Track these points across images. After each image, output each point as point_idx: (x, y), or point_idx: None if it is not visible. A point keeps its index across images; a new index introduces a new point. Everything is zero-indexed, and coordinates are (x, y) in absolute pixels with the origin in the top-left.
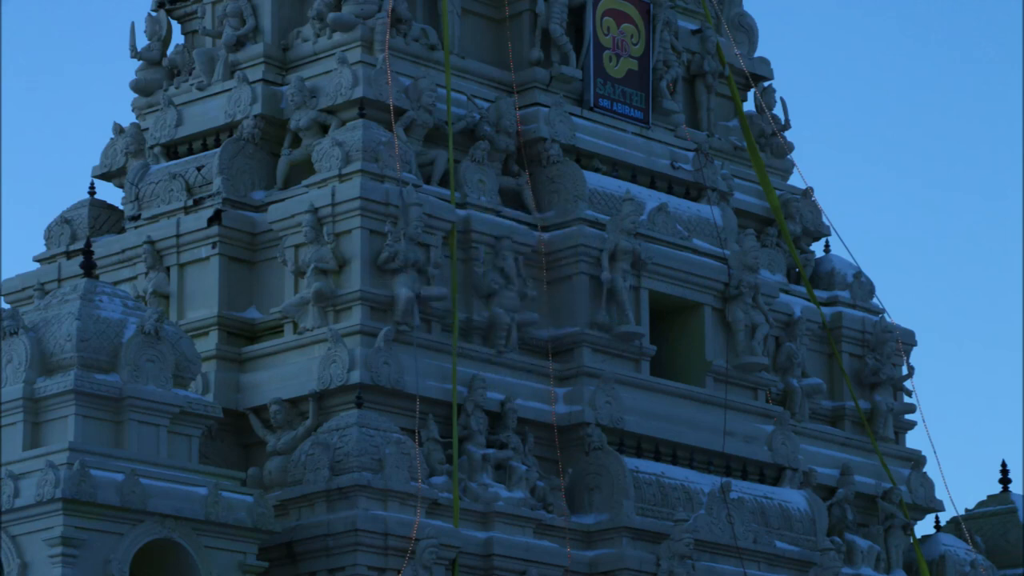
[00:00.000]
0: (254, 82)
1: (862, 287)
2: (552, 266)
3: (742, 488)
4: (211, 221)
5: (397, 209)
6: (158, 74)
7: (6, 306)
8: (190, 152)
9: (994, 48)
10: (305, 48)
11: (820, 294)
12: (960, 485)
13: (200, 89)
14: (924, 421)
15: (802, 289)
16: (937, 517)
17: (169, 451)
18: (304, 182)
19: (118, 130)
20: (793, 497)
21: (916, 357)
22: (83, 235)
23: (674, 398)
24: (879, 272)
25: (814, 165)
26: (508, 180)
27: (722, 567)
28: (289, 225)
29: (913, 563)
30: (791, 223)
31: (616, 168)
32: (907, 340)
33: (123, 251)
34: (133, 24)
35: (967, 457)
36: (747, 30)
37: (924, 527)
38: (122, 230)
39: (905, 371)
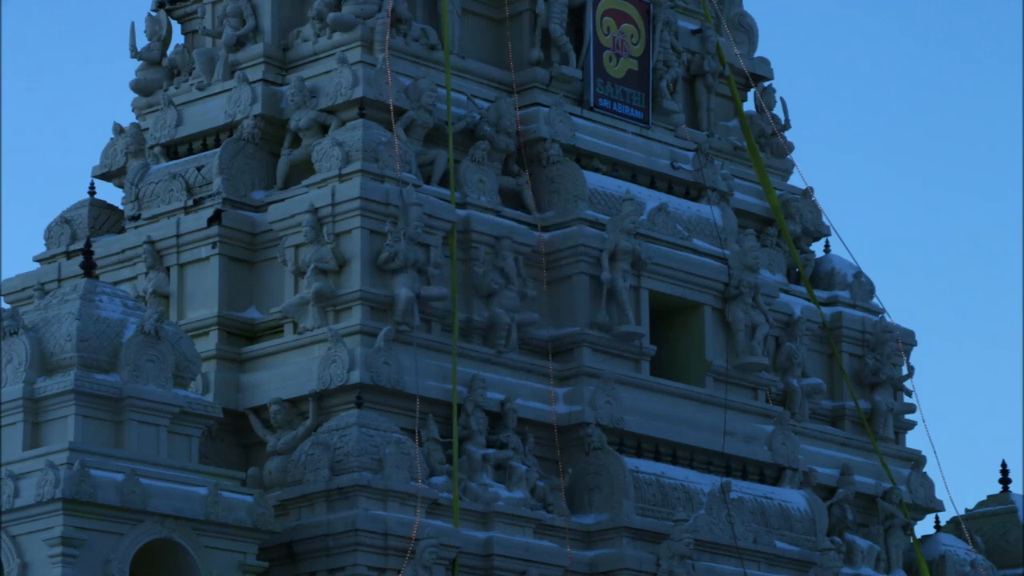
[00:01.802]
0: (254, 82)
1: (862, 287)
2: (552, 266)
3: (742, 488)
4: (211, 221)
5: (397, 209)
6: (158, 74)
7: (6, 306)
8: (190, 152)
9: (994, 48)
10: (305, 48)
11: (820, 294)
12: (960, 485)
13: (200, 89)
14: (924, 421)
15: (802, 289)
16: (937, 517)
17: (169, 451)
18: (304, 182)
19: (118, 130)
20: (793, 497)
21: (916, 357)
22: (83, 235)
23: (674, 398)
24: (879, 272)
25: (814, 165)
26: (508, 180)
27: (722, 567)
28: (289, 225)
29: (913, 563)
30: (791, 223)
31: (616, 168)
32: (907, 340)
33: (123, 251)
34: (133, 24)
35: (967, 457)
36: (747, 30)
37: (924, 527)
38: (122, 230)
39: (905, 371)
